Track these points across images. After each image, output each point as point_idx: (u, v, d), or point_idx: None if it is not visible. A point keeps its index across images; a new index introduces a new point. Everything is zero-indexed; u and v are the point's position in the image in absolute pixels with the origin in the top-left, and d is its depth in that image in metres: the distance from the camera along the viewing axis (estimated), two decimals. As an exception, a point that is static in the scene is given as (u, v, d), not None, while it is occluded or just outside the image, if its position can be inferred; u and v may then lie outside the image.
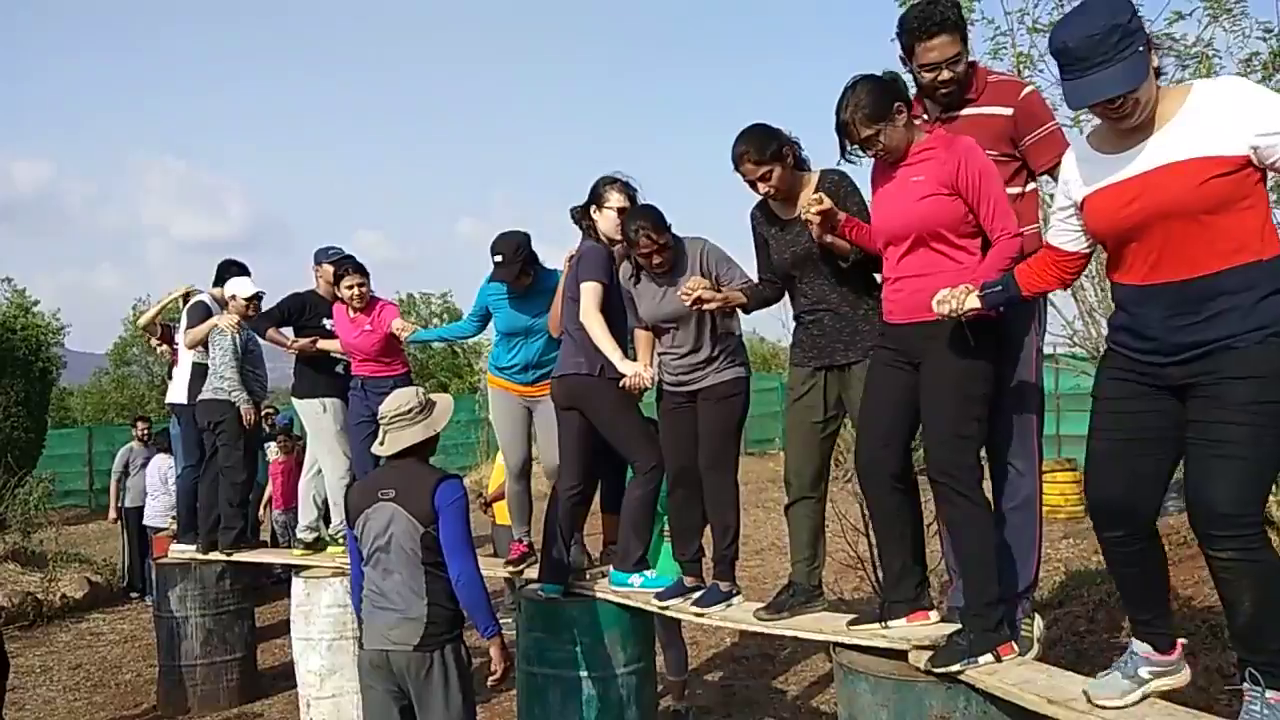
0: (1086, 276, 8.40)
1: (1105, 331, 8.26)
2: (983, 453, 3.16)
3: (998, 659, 2.81)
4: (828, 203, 3.14)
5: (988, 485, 3.20)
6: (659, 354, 3.94)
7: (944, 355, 2.88)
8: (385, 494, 3.37)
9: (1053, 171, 3.11)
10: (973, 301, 2.68)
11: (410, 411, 3.41)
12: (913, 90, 3.29)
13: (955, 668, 2.79)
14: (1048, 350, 5.57)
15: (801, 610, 3.42)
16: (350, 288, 5.44)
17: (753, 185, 3.39)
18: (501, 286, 4.67)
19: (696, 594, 3.85)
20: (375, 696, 3.37)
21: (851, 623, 3.17)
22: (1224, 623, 4.30)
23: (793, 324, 3.60)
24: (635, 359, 4.02)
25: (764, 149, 3.31)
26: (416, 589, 3.32)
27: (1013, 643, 2.88)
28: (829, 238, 3.22)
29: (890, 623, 3.08)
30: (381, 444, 3.47)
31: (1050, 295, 3.39)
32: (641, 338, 4.00)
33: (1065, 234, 2.58)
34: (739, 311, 3.83)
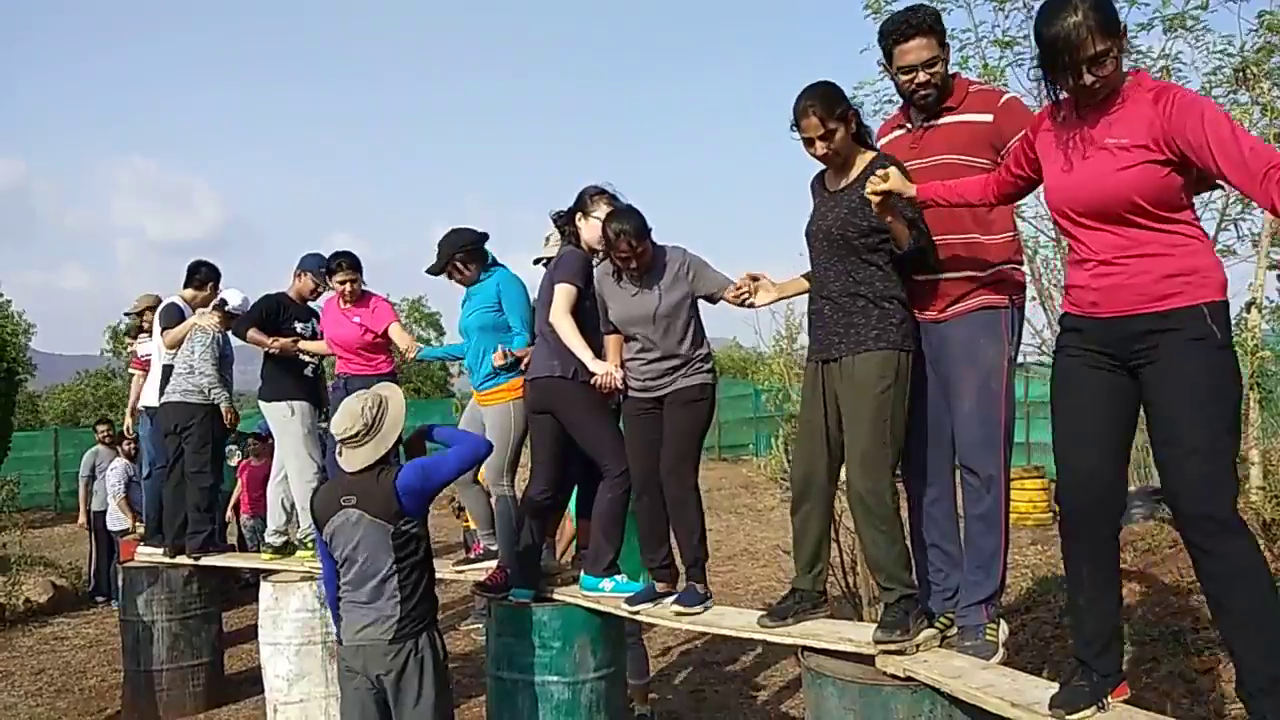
0: (1054, 285, 8.49)
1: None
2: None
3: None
4: (893, 180, 2.91)
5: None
6: (626, 359, 3.92)
7: (1185, 352, 2.34)
8: (347, 500, 3.44)
9: None
10: None
11: (357, 435, 3.46)
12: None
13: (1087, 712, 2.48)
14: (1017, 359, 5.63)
15: (806, 616, 3.34)
16: (343, 282, 5.42)
17: (809, 144, 3.12)
18: (466, 291, 4.66)
19: (668, 599, 3.85)
20: (351, 692, 3.42)
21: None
22: (1184, 629, 4.37)
23: (768, 334, 3.51)
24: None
25: (832, 107, 3.06)
26: (389, 589, 3.39)
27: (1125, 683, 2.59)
28: (889, 218, 3.00)
29: (1108, 701, 2.53)
30: (341, 456, 3.54)
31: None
32: (611, 341, 3.98)
33: None
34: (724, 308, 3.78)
